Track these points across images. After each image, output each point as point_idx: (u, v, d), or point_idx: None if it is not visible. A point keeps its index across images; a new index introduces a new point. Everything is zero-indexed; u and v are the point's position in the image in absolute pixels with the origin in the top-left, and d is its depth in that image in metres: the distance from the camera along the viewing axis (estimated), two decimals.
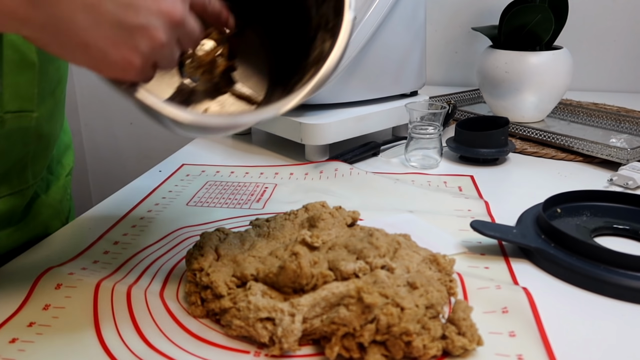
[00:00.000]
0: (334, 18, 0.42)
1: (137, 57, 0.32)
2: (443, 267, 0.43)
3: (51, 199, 0.61)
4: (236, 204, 0.63)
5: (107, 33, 0.30)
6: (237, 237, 0.47)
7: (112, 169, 1.61)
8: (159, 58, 0.34)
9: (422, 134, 0.74)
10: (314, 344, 0.38)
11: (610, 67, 1.26)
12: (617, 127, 0.91)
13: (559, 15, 0.90)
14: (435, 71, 1.34)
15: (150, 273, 0.48)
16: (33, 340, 0.39)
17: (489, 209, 0.60)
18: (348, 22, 0.40)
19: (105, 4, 0.30)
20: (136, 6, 0.31)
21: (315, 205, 0.51)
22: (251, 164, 0.78)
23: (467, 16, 1.29)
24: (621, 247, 0.51)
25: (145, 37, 0.31)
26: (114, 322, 0.40)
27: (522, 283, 0.45)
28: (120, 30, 0.30)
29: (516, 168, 0.76)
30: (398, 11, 0.77)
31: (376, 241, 0.43)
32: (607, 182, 0.69)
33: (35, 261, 0.50)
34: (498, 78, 0.89)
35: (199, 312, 0.41)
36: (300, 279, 0.38)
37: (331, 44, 0.40)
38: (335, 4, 0.42)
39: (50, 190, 0.62)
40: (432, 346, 0.36)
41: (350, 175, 0.71)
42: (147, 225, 0.58)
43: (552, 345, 0.37)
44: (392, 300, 0.36)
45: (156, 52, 0.33)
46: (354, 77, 0.77)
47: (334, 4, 0.42)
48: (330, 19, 0.43)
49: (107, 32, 0.30)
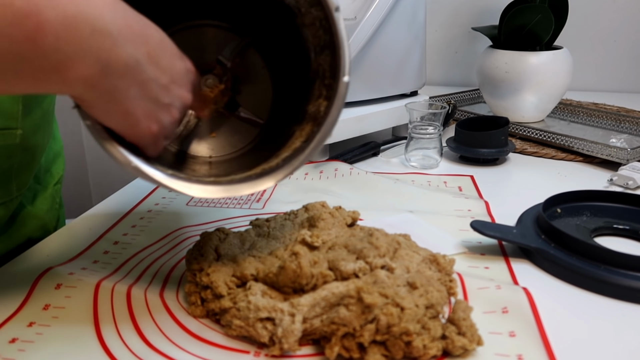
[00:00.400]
0: (330, 77, 0.43)
1: (157, 128, 0.37)
2: (443, 267, 0.43)
3: (37, 210, 0.60)
4: (236, 204, 0.63)
5: (146, 106, 0.36)
6: (237, 237, 0.47)
7: (112, 169, 1.61)
8: (167, 133, 0.39)
9: (422, 134, 0.74)
10: (314, 344, 0.38)
11: (610, 67, 1.26)
12: (617, 127, 0.91)
13: (559, 15, 0.90)
14: (435, 71, 1.34)
15: (150, 273, 0.48)
16: (33, 340, 0.39)
17: (489, 209, 0.60)
18: (343, 86, 0.42)
19: (151, 83, 0.35)
20: (169, 89, 0.37)
21: (315, 205, 0.51)
22: None
23: (467, 16, 1.29)
24: (621, 247, 0.51)
25: (167, 113, 0.38)
26: (114, 322, 0.40)
27: (522, 283, 0.45)
28: (155, 106, 0.36)
29: (516, 168, 0.76)
30: (398, 11, 0.77)
31: (376, 241, 0.43)
32: (607, 182, 0.69)
33: (35, 261, 0.50)
34: (498, 78, 0.89)
35: (199, 312, 0.41)
36: (300, 278, 0.38)
37: (327, 106, 0.42)
38: (331, 61, 0.43)
39: (37, 200, 0.61)
40: (432, 346, 0.36)
41: (350, 175, 0.71)
42: (147, 225, 0.58)
43: (552, 345, 0.37)
44: (392, 300, 0.36)
45: (169, 127, 0.39)
46: (354, 77, 0.77)
47: (330, 61, 0.43)
48: (327, 74, 0.44)
49: (146, 106, 0.36)
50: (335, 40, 0.42)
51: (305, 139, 0.43)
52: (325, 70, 0.44)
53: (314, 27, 0.45)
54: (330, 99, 0.42)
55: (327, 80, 0.44)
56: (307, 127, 0.44)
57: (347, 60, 0.42)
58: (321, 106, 0.43)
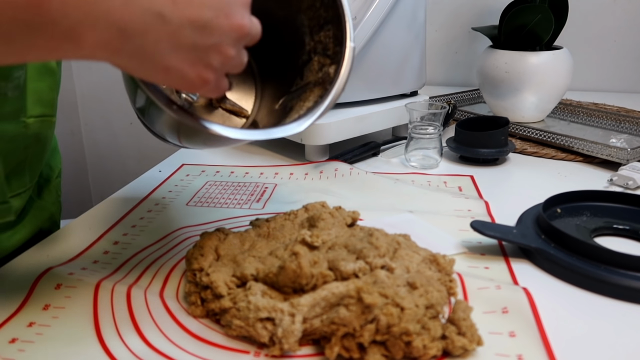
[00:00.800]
0: (334, 46, 0.48)
1: (211, 73, 0.34)
2: (443, 267, 0.43)
3: (45, 202, 0.62)
4: (236, 204, 0.63)
5: (185, 56, 0.32)
6: (237, 237, 0.47)
7: (112, 169, 1.61)
8: (230, 68, 0.36)
9: (422, 134, 0.74)
10: (314, 344, 0.38)
11: (610, 67, 1.26)
12: (617, 127, 0.91)
13: (559, 15, 0.90)
14: (435, 71, 1.34)
15: (150, 273, 0.48)
16: (33, 340, 0.39)
17: (489, 209, 0.60)
18: (350, 49, 0.47)
19: (184, 30, 0.31)
20: (210, 27, 0.32)
21: (315, 205, 0.51)
22: (251, 164, 0.78)
23: (467, 16, 1.29)
24: (621, 247, 0.51)
25: (217, 53, 0.34)
26: (114, 322, 0.40)
27: (522, 283, 0.45)
28: (196, 52, 0.33)
29: (516, 168, 0.76)
30: (398, 11, 0.77)
31: (376, 241, 0.43)
32: (607, 182, 0.69)
33: (35, 261, 0.50)
34: (498, 78, 0.89)
35: (199, 312, 0.41)
36: (300, 278, 0.38)
37: (336, 69, 0.47)
38: (334, 33, 0.48)
39: (43, 193, 0.63)
40: (432, 346, 0.36)
41: (350, 175, 0.71)
42: (147, 225, 0.58)
43: (552, 345, 0.37)
44: (392, 300, 0.36)
45: (227, 64, 0.35)
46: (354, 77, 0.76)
47: (333, 34, 0.48)
48: (329, 46, 0.49)
49: (185, 55, 0.32)
50: (340, 13, 0.47)
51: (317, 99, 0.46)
52: (328, 42, 0.49)
53: (313, 9, 0.50)
54: (339, 63, 0.47)
55: (330, 51, 0.49)
56: (315, 91, 0.48)
57: (351, 30, 0.47)
58: (330, 69, 0.48)
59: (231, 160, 0.79)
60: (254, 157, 0.81)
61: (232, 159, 0.80)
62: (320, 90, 0.48)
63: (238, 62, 0.36)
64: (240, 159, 0.80)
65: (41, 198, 0.62)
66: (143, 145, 1.57)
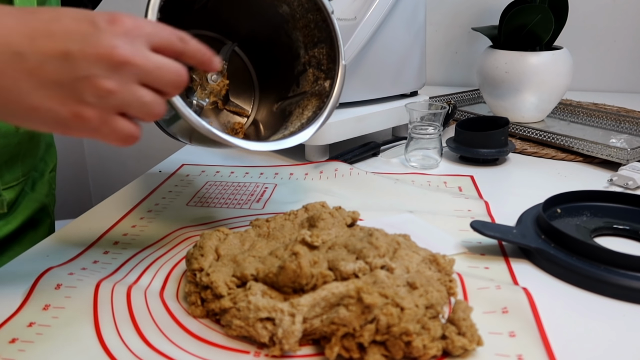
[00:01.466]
0: (327, 63, 0.56)
1: (88, 110, 0.31)
2: (443, 267, 0.43)
3: (37, 194, 0.64)
4: (236, 204, 0.63)
5: (51, 93, 0.30)
6: (237, 237, 0.47)
7: (112, 169, 1.61)
8: (119, 106, 0.32)
9: (422, 134, 0.74)
10: (314, 344, 0.38)
11: (610, 67, 1.26)
12: (617, 127, 0.91)
13: (559, 15, 0.90)
14: (435, 71, 1.34)
15: (150, 273, 0.48)
16: (33, 340, 0.39)
17: (489, 209, 0.60)
18: (342, 68, 0.55)
19: (46, 65, 0.29)
20: (73, 58, 0.30)
21: (315, 205, 0.51)
22: (251, 164, 0.78)
23: (467, 16, 1.29)
24: (621, 247, 0.51)
25: (89, 87, 0.30)
26: (114, 322, 0.40)
27: (522, 283, 0.45)
28: (63, 88, 0.30)
29: (516, 168, 0.76)
30: (398, 11, 0.77)
31: (376, 241, 0.43)
32: (607, 182, 0.69)
33: (35, 261, 0.50)
34: (498, 78, 0.89)
35: (199, 312, 0.41)
36: (300, 278, 0.38)
37: (331, 84, 0.55)
38: (327, 51, 0.56)
39: (36, 186, 0.65)
40: (432, 346, 0.36)
41: (350, 176, 0.71)
42: (147, 225, 0.58)
43: (552, 345, 0.37)
44: (391, 300, 0.36)
45: (107, 100, 0.31)
46: (354, 77, 0.77)
47: (326, 52, 0.56)
48: (323, 62, 0.57)
49: (51, 92, 0.30)
50: (332, 35, 0.55)
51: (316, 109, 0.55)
52: (322, 59, 0.57)
53: (308, 29, 0.57)
54: (333, 79, 0.55)
55: (324, 67, 0.57)
56: (313, 101, 0.56)
57: (342, 49, 0.56)
58: (325, 83, 0.56)
59: (231, 161, 0.79)
60: (254, 157, 0.81)
61: (232, 159, 0.80)
62: (318, 101, 0.55)
63: (130, 98, 0.32)
64: (240, 159, 0.80)
65: (34, 191, 0.63)
66: (143, 145, 1.56)
